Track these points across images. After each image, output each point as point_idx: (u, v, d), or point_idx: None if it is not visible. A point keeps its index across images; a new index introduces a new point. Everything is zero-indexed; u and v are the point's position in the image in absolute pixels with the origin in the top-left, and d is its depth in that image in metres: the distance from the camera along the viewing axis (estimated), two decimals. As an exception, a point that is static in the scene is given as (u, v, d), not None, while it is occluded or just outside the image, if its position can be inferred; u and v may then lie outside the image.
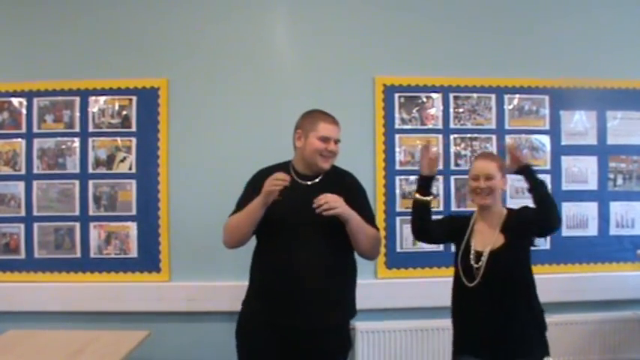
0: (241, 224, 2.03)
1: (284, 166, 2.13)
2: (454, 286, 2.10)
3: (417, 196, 2.09)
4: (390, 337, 2.85)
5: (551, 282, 2.95)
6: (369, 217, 2.09)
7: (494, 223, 2.06)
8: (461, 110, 3.01)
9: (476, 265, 1.99)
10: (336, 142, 2.09)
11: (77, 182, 2.89)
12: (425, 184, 2.09)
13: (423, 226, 2.11)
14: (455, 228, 2.14)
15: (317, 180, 2.09)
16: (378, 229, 2.12)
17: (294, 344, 1.99)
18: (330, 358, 2.08)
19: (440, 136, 2.99)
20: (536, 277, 2.91)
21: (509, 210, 2.12)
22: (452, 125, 3.00)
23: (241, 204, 2.08)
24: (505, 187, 2.12)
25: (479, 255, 2.01)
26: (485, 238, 2.04)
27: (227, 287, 2.78)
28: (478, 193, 2.05)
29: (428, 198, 2.09)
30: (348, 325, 2.15)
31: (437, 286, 2.86)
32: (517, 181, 2.98)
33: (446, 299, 2.25)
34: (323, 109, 2.22)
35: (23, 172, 2.89)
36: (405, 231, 2.92)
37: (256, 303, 2.08)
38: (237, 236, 2.07)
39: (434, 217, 2.16)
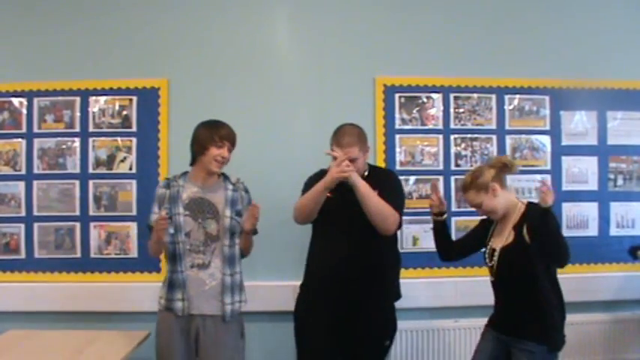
0: (309, 203, 2.27)
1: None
2: None
3: (434, 217, 2.29)
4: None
5: (551, 282, 2.96)
6: (390, 198, 2.26)
7: (510, 221, 2.15)
8: (461, 110, 3.01)
9: (490, 263, 2.17)
10: (352, 160, 2.24)
11: (77, 182, 2.89)
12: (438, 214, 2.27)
13: (445, 247, 2.31)
14: (479, 232, 2.28)
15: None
16: (396, 209, 2.25)
17: (342, 320, 2.24)
18: (374, 337, 2.29)
19: (440, 137, 2.99)
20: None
21: (528, 205, 2.15)
22: (452, 125, 3.00)
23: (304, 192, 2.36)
24: (496, 194, 2.13)
25: (493, 252, 2.16)
26: (502, 237, 2.15)
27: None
28: (481, 214, 2.21)
29: (442, 218, 2.29)
30: (391, 308, 2.35)
31: (439, 286, 2.87)
32: (517, 182, 3.00)
33: (448, 299, 2.26)
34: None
35: (23, 172, 2.89)
36: (405, 231, 2.92)
37: (311, 284, 2.36)
38: (304, 213, 2.30)
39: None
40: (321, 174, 2.31)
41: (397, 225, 2.28)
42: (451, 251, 2.33)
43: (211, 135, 2.20)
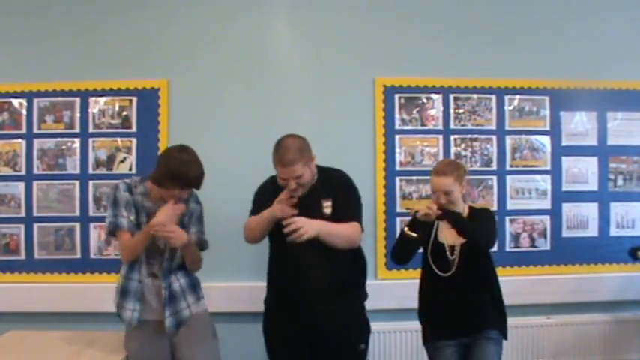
0: (256, 230, 2.22)
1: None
2: (425, 280, 2.33)
3: (407, 230, 2.25)
4: (391, 337, 2.86)
5: (551, 283, 2.97)
6: (347, 210, 2.20)
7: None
8: (461, 111, 3.01)
9: (451, 257, 2.23)
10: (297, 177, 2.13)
11: (77, 183, 2.89)
12: (418, 223, 2.22)
13: (404, 257, 2.31)
14: (425, 230, 2.29)
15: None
16: (355, 220, 2.19)
17: (313, 332, 2.18)
18: (348, 344, 2.22)
19: (440, 137, 2.99)
20: (536, 277, 2.99)
21: (471, 208, 2.30)
22: (452, 126, 3.00)
23: (253, 211, 2.28)
24: (464, 191, 2.27)
25: (452, 248, 2.24)
26: (453, 233, 2.19)
27: (225, 287, 2.80)
28: (442, 203, 2.22)
29: (416, 235, 2.23)
30: (361, 311, 2.31)
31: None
32: (517, 182, 3.00)
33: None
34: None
35: (23, 172, 2.89)
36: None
37: (276, 298, 2.30)
38: (253, 237, 2.26)
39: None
40: (272, 181, 2.26)
41: (361, 235, 2.20)
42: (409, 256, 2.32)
43: (174, 182, 2.07)
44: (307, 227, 1.99)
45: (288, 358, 2.24)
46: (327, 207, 2.19)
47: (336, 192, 2.20)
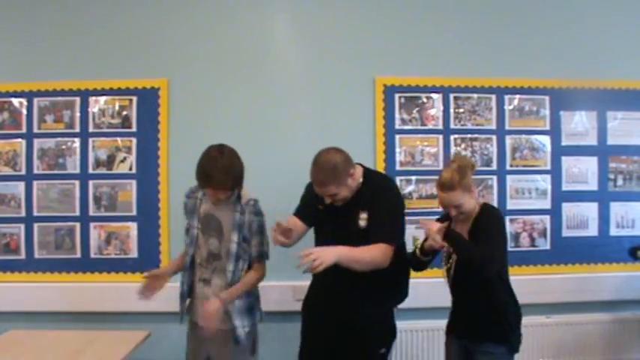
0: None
1: None
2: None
3: (418, 252, 2.21)
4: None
5: (551, 282, 2.97)
6: (380, 226, 2.13)
7: (466, 224, 2.16)
8: (461, 110, 3.01)
9: (447, 266, 2.20)
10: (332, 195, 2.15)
11: (77, 182, 2.89)
12: (429, 248, 2.16)
13: (419, 268, 2.30)
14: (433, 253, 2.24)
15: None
16: (382, 240, 2.10)
17: (337, 327, 2.23)
18: (367, 346, 2.23)
19: (440, 137, 2.99)
20: (536, 277, 2.97)
21: (482, 207, 2.15)
22: (452, 125, 3.00)
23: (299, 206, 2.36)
24: (475, 196, 2.15)
25: (450, 255, 2.18)
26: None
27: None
28: (453, 215, 2.13)
29: (426, 259, 2.22)
30: (387, 315, 2.30)
31: (437, 286, 2.86)
32: (517, 182, 3.00)
33: (446, 300, 2.25)
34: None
35: (23, 172, 2.89)
36: (405, 232, 2.92)
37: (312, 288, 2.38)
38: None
39: (433, 217, 2.28)
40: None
41: (390, 257, 2.11)
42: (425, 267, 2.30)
43: (201, 183, 2.10)
44: (324, 257, 1.92)
45: (311, 347, 2.31)
46: (363, 219, 2.16)
47: (370, 203, 2.16)
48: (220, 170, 2.03)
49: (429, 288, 2.56)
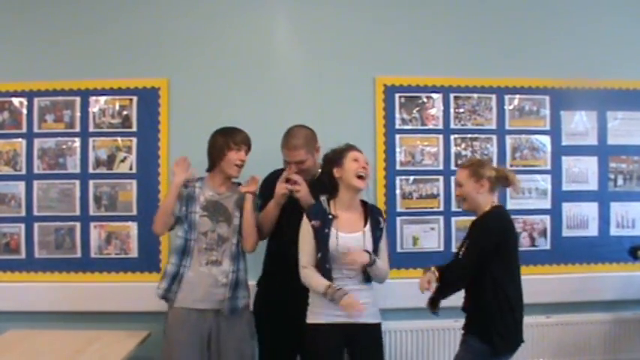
0: (264, 223, 2.39)
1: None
2: None
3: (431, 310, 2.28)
4: (391, 337, 2.85)
5: (551, 282, 2.97)
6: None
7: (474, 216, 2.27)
8: (461, 110, 3.01)
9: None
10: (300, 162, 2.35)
11: (77, 182, 2.89)
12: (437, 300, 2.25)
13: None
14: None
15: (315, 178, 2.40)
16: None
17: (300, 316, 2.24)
18: None
19: (440, 137, 2.99)
20: (536, 277, 2.97)
21: (489, 209, 2.20)
22: (452, 125, 3.00)
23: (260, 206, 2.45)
24: (481, 191, 2.18)
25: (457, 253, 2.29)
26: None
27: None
28: (457, 195, 2.32)
29: (436, 311, 2.27)
30: None
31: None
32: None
33: (448, 299, 2.25)
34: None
35: (24, 172, 2.89)
36: (405, 231, 2.93)
37: (268, 282, 2.48)
38: (264, 233, 2.41)
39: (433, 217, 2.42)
40: (276, 174, 2.42)
41: None
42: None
43: (227, 141, 2.31)
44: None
45: (274, 341, 2.40)
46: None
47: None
48: (242, 130, 2.43)
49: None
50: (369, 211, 2.24)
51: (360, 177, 2.16)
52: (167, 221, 2.32)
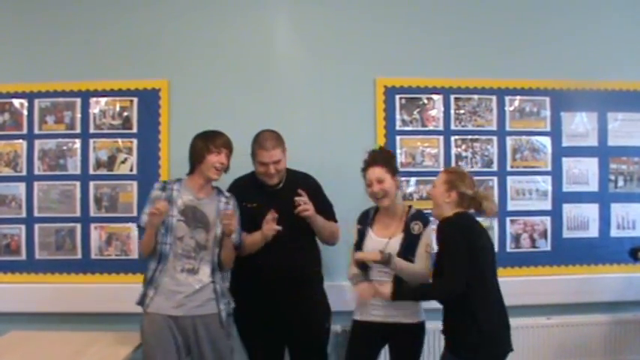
0: (249, 248, 2.42)
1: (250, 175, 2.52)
2: None
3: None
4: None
5: (552, 284, 2.97)
6: (328, 210, 2.50)
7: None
8: (462, 112, 3.01)
9: None
10: (277, 162, 2.40)
11: (78, 183, 2.89)
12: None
13: None
14: None
15: (281, 185, 2.45)
16: (336, 220, 2.52)
17: (277, 317, 2.40)
18: (314, 324, 2.47)
19: (441, 138, 2.99)
20: (536, 278, 2.98)
21: (445, 218, 2.19)
22: (453, 127, 3.00)
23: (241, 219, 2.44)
24: (447, 200, 2.18)
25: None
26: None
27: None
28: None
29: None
30: (322, 295, 2.52)
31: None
32: (518, 183, 3.00)
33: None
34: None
35: (24, 173, 2.89)
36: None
37: (242, 289, 2.45)
38: (245, 253, 2.43)
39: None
40: (241, 181, 2.52)
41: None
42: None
43: (207, 144, 2.29)
44: (310, 207, 2.32)
45: (256, 341, 2.47)
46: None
47: (310, 192, 2.39)
48: (223, 134, 2.42)
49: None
50: (409, 218, 2.32)
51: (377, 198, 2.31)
52: (152, 246, 2.26)
